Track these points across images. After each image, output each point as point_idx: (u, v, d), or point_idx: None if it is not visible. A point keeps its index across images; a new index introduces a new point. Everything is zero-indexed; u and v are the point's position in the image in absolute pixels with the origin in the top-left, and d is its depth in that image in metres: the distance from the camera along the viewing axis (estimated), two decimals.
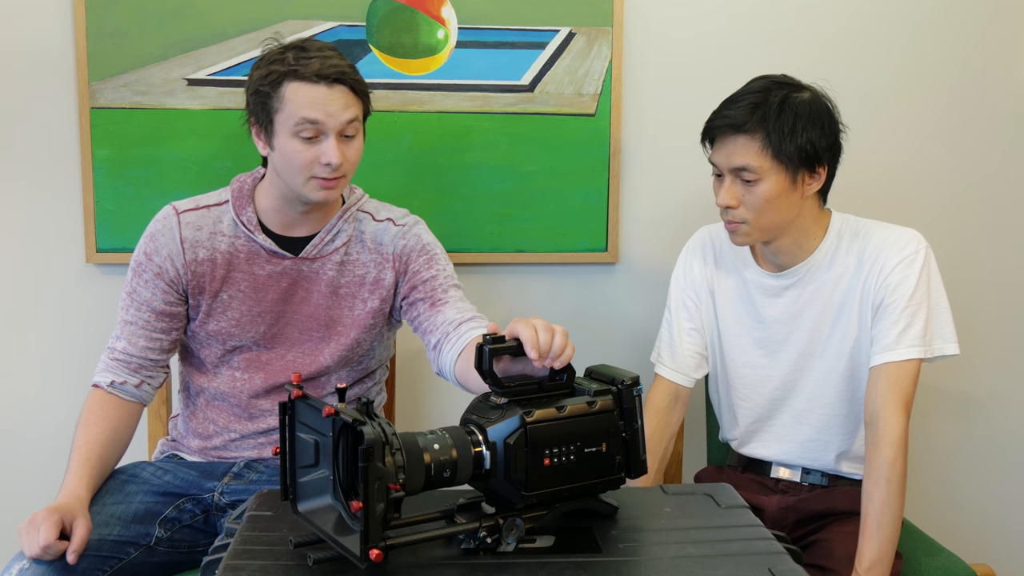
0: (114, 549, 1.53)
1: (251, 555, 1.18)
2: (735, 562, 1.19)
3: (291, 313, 1.70)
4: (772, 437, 1.78)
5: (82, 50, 1.95)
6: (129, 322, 1.68)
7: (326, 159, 1.57)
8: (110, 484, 1.65)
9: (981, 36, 2.20)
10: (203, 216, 1.68)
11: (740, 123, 1.59)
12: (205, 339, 1.70)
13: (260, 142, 1.64)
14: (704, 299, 1.81)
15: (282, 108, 1.56)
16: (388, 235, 1.73)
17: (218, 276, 1.67)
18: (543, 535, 1.24)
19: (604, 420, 1.26)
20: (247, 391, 1.71)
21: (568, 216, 2.13)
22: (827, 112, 1.63)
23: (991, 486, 2.36)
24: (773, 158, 1.58)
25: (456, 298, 1.69)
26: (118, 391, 1.67)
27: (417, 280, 1.71)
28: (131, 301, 1.68)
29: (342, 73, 1.57)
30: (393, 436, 1.11)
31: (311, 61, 1.55)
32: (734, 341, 1.78)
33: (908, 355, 1.60)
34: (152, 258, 1.67)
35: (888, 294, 1.62)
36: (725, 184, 1.63)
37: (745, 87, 1.65)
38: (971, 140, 2.24)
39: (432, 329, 1.65)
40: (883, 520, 1.55)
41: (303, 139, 1.57)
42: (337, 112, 1.56)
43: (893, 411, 1.58)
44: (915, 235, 1.66)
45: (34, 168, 2.01)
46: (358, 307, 1.72)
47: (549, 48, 2.07)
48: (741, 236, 1.66)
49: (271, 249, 1.68)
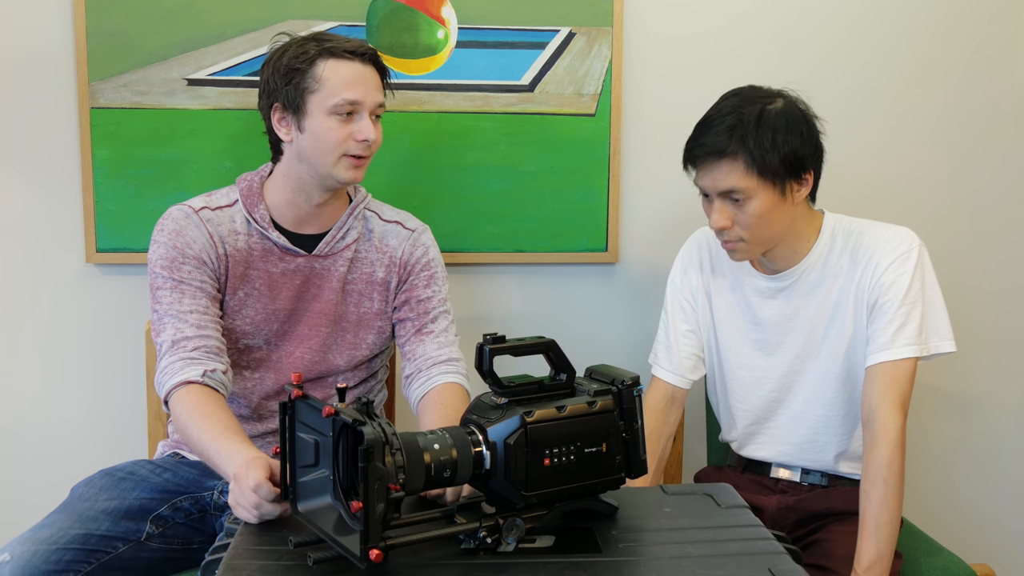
0: (100, 543, 1.52)
1: (251, 555, 1.18)
2: (735, 562, 1.19)
3: (303, 310, 1.71)
4: (770, 438, 1.78)
5: (82, 50, 1.95)
6: (187, 311, 1.59)
7: (362, 135, 1.61)
8: (105, 481, 1.65)
9: (982, 36, 2.20)
10: (219, 215, 1.68)
11: (720, 148, 1.57)
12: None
13: (283, 128, 1.63)
14: (700, 301, 1.81)
15: (319, 88, 1.59)
16: (397, 238, 1.75)
17: (236, 274, 1.67)
18: (543, 535, 1.24)
19: (604, 420, 1.26)
20: (258, 392, 1.71)
21: (568, 216, 2.13)
22: (803, 118, 1.61)
23: (991, 486, 2.36)
24: (759, 176, 1.57)
25: (441, 328, 1.74)
26: (212, 381, 1.54)
27: (412, 297, 1.74)
28: (181, 293, 1.60)
29: (375, 52, 1.65)
30: (393, 436, 1.11)
31: (343, 42, 1.61)
32: (731, 343, 1.78)
33: (904, 354, 1.60)
34: (186, 251, 1.63)
35: (882, 293, 1.62)
36: (716, 206, 1.62)
37: (716, 108, 1.63)
38: (971, 140, 2.24)
39: (411, 358, 1.72)
40: (881, 520, 1.55)
41: (339, 117, 1.60)
42: (372, 91, 1.63)
43: (890, 410, 1.58)
44: (908, 233, 1.66)
45: (34, 168, 2.01)
46: (364, 305, 1.74)
47: (549, 48, 2.07)
48: (740, 254, 1.66)
49: (285, 246, 1.68)
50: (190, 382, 1.53)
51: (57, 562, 1.46)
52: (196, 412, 1.48)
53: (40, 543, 1.48)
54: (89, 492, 1.63)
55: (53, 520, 1.55)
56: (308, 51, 1.60)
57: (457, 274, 2.11)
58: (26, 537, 1.50)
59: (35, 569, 1.44)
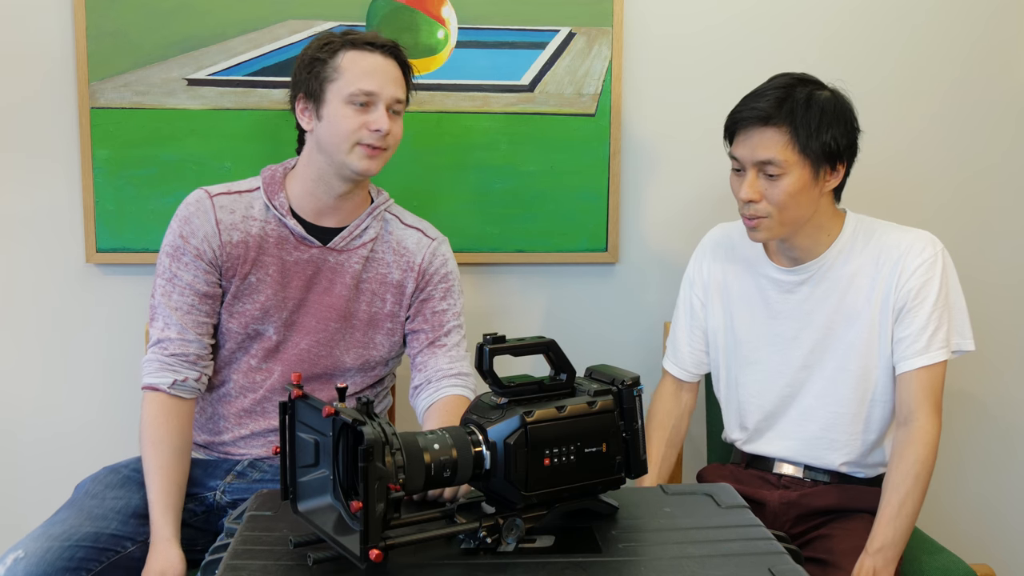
0: (111, 542, 1.54)
1: (251, 555, 1.18)
2: (735, 562, 1.19)
3: (312, 302, 1.71)
4: (778, 434, 1.78)
5: (82, 50, 1.95)
6: (174, 308, 1.65)
7: (375, 125, 1.62)
8: (111, 478, 1.66)
9: (981, 34, 2.20)
10: (236, 200, 1.69)
11: (768, 116, 1.59)
12: (227, 323, 1.70)
13: (305, 117, 1.67)
14: (713, 298, 1.81)
15: (338, 77, 1.62)
16: (417, 245, 1.77)
17: (249, 259, 1.68)
18: (543, 535, 1.24)
19: (604, 420, 1.26)
20: (264, 385, 1.71)
21: (568, 216, 2.13)
22: (849, 111, 1.65)
23: (991, 486, 2.36)
24: (799, 152, 1.59)
25: (454, 343, 1.76)
26: (180, 390, 1.63)
27: (428, 308, 1.76)
28: (172, 287, 1.66)
29: (396, 45, 1.67)
30: (393, 436, 1.11)
31: (367, 35, 1.66)
32: (746, 337, 1.78)
33: (938, 358, 1.64)
34: (189, 240, 1.66)
35: (911, 298, 1.65)
36: (748, 178, 1.63)
37: (768, 83, 1.66)
38: (971, 139, 2.24)
39: (421, 369, 1.74)
40: (904, 510, 1.58)
41: (355, 106, 1.62)
42: (390, 84, 1.64)
43: (928, 414, 1.63)
44: (932, 238, 1.69)
45: (34, 168, 2.01)
46: (376, 305, 1.74)
47: (549, 48, 2.07)
48: (763, 231, 1.66)
49: (300, 235, 1.69)
50: (156, 389, 1.63)
51: (70, 559, 1.47)
52: (151, 429, 1.61)
53: (53, 540, 1.49)
54: (96, 489, 1.64)
55: (64, 517, 1.56)
56: (332, 41, 1.64)
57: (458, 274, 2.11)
58: (38, 534, 1.51)
59: (49, 566, 1.45)
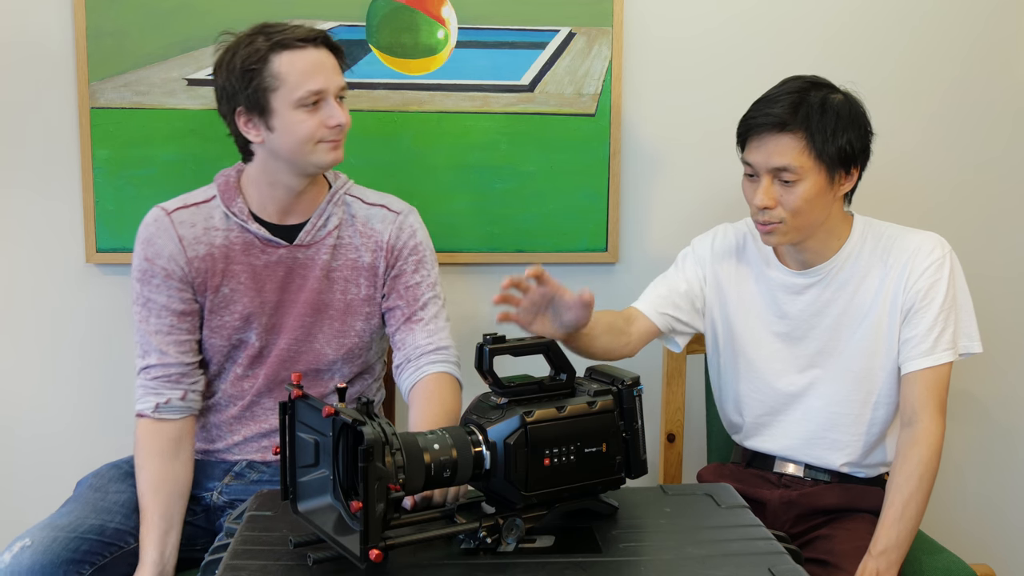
0: (115, 536, 1.55)
1: (251, 555, 1.18)
2: (735, 562, 1.19)
3: (289, 302, 1.69)
4: (779, 432, 1.78)
5: (82, 50, 1.95)
6: (153, 332, 1.65)
7: (333, 121, 1.59)
8: (113, 473, 1.68)
9: (980, 34, 2.20)
10: (194, 213, 1.67)
11: (783, 122, 1.58)
12: (209, 339, 1.69)
13: (252, 130, 1.61)
14: (711, 281, 1.80)
15: (280, 85, 1.56)
16: (382, 222, 1.72)
17: (218, 271, 1.66)
18: (543, 535, 1.24)
19: (604, 420, 1.26)
20: (251, 391, 1.71)
21: (568, 216, 2.13)
22: (862, 114, 1.64)
23: (991, 486, 2.36)
24: (815, 158, 1.58)
25: (431, 315, 1.72)
26: (165, 413, 1.63)
27: (401, 284, 1.72)
28: (148, 311, 1.65)
29: (326, 35, 1.61)
30: (393, 436, 1.11)
31: (289, 30, 1.58)
32: (751, 333, 1.77)
33: (944, 359, 1.64)
34: (155, 262, 1.64)
35: (919, 299, 1.64)
36: (762, 184, 1.61)
37: (780, 87, 1.64)
38: (971, 138, 2.24)
39: (401, 347, 1.71)
40: (907, 512, 1.57)
41: (306, 108, 1.57)
42: (333, 76, 1.60)
43: (933, 415, 1.62)
44: (940, 239, 1.68)
45: (34, 168, 2.00)
46: (351, 292, 1.71)
47: (549, 48, 2.07)
48: (777, 236, 1.65)
49: (265, 238, 1.67)
50: (142, 415, 1.64)
51: (75, 550, 1.48)
52: (138, 456, 1.62)
53: (60, 530, 1.50)
54: (99, 483, 1.65)
55: (69, 510, 1.58)
56: (259, 48, 1.55)
57: (457, 274, 2.11)
58: (45, 524, 1.52)
59: (55, 555, 1.46)
